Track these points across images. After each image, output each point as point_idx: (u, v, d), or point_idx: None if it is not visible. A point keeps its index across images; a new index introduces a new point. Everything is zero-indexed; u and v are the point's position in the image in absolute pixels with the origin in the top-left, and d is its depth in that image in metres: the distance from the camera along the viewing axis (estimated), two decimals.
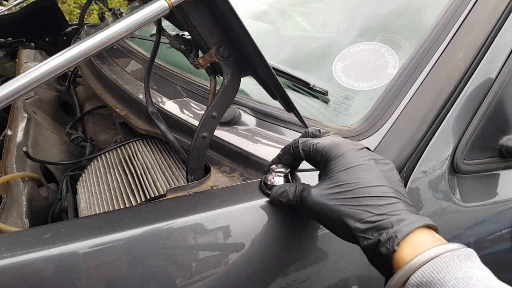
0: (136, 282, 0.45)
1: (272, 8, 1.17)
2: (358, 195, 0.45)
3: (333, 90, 0.78)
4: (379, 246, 0.42)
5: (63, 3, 4.45)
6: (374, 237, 0.43)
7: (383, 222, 0.43)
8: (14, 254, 0.41)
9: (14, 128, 1.01)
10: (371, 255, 0.44)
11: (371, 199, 0.45)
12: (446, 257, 0.39)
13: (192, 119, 0.79)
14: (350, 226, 0.44)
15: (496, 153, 0.77)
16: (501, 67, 0.71)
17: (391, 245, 0.41)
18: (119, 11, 1.35)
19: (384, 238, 0.42)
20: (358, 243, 0.44)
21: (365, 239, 0.43)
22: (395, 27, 0.84)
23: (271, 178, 0.55)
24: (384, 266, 0.43)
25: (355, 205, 0.45)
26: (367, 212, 0.44)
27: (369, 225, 0.43)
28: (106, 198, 0.76)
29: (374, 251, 0.43)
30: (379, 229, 0.43)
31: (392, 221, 0.43)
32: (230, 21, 0.48)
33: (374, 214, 0.44)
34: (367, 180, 0.46)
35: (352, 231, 0.44)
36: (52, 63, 0.39)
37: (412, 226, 0.42)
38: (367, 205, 0.44)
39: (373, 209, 0.44)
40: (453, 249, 0.40)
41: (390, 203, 0.44)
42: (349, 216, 0.45)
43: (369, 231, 0.43)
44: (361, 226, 0.43)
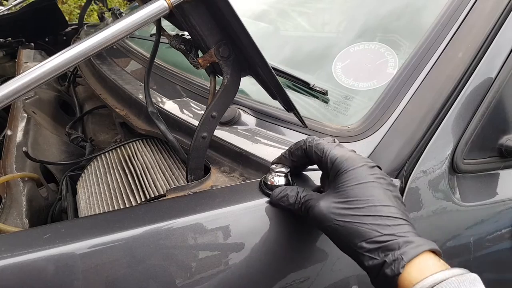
0: (136, 282, 0.45)
1: (272, 8, 1.17)
2: (367, 214, 0.45)
3: (332, 90, 0.78)
4: (384, 267, 0.42)
5: (63, 3, 4.45)
6: (380, 258, 0.42)
7: (391, 243, 0.43)
8: (14, 254, 0.41)
9: (14, 128, 1.01)
10: (375, 275, 0.43)
11: (380, 219, 0.44)
12: (452, 282, 0.39)
13: (192, 119, 0.79)
14: (356, 244, 0.44)
15: (495, 153, 0.77)
16: (500, 66, 0.71)
17: (397, 267, 0.41)
18: (118, 11, 1.35)
19: (389, 260, 0.42)
20: (362, 262, 0.44)
21: (371, 259, 0.43)
22: (394, 27, 0.84)
23: (271, 178, 0.55)
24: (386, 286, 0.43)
25: (363, 223, 0.44)
26: (375, 232, 0.44)
27: (376, 245, 0.43)
28: (106, 198, 0.76)
29: (378, 272, 0.43)
30: (386, 249, 0.42)
31: (400, 243, 0.42)
32: (230, 21, 0.48)
33: (381, 234, 0.43)
34: (376, 198, 0.46)
35: (358, 249, 0.44)
36: (52, 63, 0.39)
37: (418, 250, 0.42)
38: (376, 224, 0.44)
39: (381, 228, 0.44)
40: (458, 274, 0.40)
41: (397, 224, 0.44)
42: (357, 234, 0.44)
43: (376, 251, 0.43)
44: (367, 246, 0.43)
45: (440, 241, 0.68)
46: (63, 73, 0.40)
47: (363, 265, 0.44)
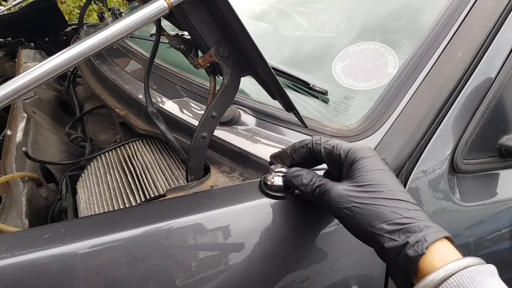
0: (136, 282, 0.45)
1: (272, 8, 1.17)
2: (387, 197, 0.45)
3: (332, 90, 0.78)
4: (406, 248, 0.41)
5: (62, 3, 4.45)
6: (401, 239, 0.42)
7: (412, 225, 0.42)
8: (13, 254, 0.41)
9: (14, 128, 1.01)
10: (395, 257, 0.43)
11: (400, 202, 0.44)
12: (473, 271, 0.39)
13: (192, 119, 0.79)
14: (376, 226, 0.43)
15: (495, 153, 0.77)
16: (500, 66, 0.71)
17: (420, 248, 0.41)
18: (118, 11, 1.35)
19: (412, 241, 0.41)
20: (381, 244, 0.43)
21: (391, 240, 0.42)
22: (394, 27, 0.84)
23: (271, 178, 0.55)
24: (407, 270, 0.42)
25: (384, 206, 0.44)
26: (396, 214, 0.43)
27: (396, 226, 0.43)
28: (106, 198, 0.76)
29: (399, 254, 0.42)
30: (407, 231, 0.42)
31: (420, 226, 0.42)
32: (230, 21, 0.48)
33: (402, 217, 0.43)
34: (394, 184, 0.47)
35: (377, 231, 0.43)
36: (52, 63, 0.39)
37: (439, 234, 0.42)
38: (396, 207, 0.44)
39: (402, 211, 0.44)
40: (479, 264, 0.40)
41: (416, 209, 0.45)
42: (377, 216, 0.44)
43: (396, 233, 0.42)
44: (388, 227, 0.43)
45: None
46: (63, 73, 0.40)
47: (382, 247, 0.43)
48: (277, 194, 0.54)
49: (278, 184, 0.54)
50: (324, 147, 0.52)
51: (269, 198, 0.54)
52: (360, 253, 0.59)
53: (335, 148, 0.51)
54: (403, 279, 0.43)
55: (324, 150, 0.52)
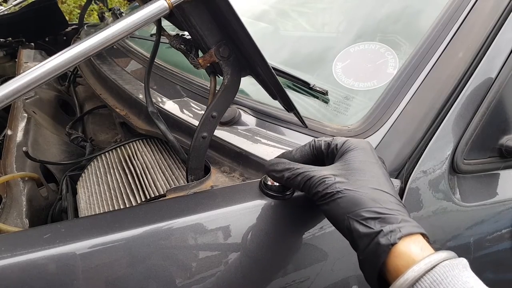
0: (136, 282, 0.45)
1: (272, 8, 1.17)
2: (370, 186, 0.44)
3: (333, 90, 0.78)
4: (379, 236, 0.41)
5: (62, 3, 4.45)
6: (376, 228, 0.41)
7: (390, 216, 0.42)
8: (14, 254, 0.41)
9: (14, 128, 1.01)
10: (366, 244, 0.42)
11: (382, 193, 0.44)
12: (446, 266, 0.39)
13: (192, 119, 0.79)
14: (354, 212, 0.43)
15: (496, 153, 0.77)
16: (501, 66, 0.71)
17: (393, 238, 0.40)
18: (119, 11, 1.35)
19: (386, 230, 0.41)
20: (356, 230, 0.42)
21: (366, 228, 0.42)
22: (395, 27, 0.84)
23: (271, 178, 0.55)
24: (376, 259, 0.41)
25: (366, 193, 0.44)
26: (376, 203, 0.43)
27: (374, 214, 0.42)
28: (106, 198, 0.76)
29: (371, 241, 0.41)
30: (383, 221, 0.42)
31: (398, 219, 0.42)
32: (230, 21, 0.48)
33: (381, 207, 0.43)
34: (381, 176, 0.46)
35: (354, 216, 0.43)
36: (52, 63, 0.39)
37: (415, 229, 0.42)
38: (378, 197, 0.43)
39: (382, 202, 0.43)
40: (452, 258, 0.40)
41: (398, 204, 0.44)
42: (357, 202, 0.43)
43: (372, 221, 0.42)
44: (365, 214, 0.42)
45: (440, 241, 0.68)
46: (63, 73, 0.40)
47: (356, 232, 0.42)
48: (277, 194, 0.54)
49: (278, 184, 0.54)
50: (324, 141, 0.53)
51: (269, 198, 0.54)
52: None
53: (334, 139, 0.52)
54: (371, 268, 0.42)
55: (324, 143, 0.52)
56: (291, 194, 0.55)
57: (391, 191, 0.45)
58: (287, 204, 0.55)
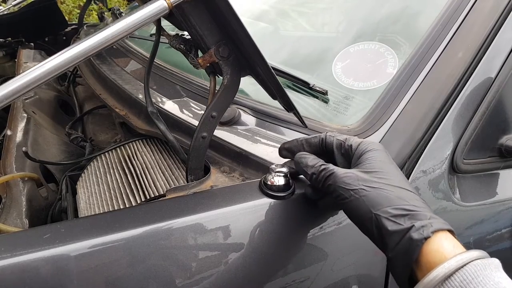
0: (136, 282, 0.45)
1: (272, 8, 1.17)
2: (394, 184, 0.45)
3: (332, 90, 0.78)
4: (411, 231, 0.40)
5: (61, 3, 4.45)
6: (406, 224, 0.41)
7: (418, 213, 0.42)
8: (13, 254, 0.41)
9: (14, 128, 1.01)
10: (397, 241, 0.41)
11: (407, 192, 0.44)
12: (478, 265, 0.38)
13: (192, 119, 0.79)
14: (381, 209, 0.42)
15: (495, 153, 0.77)
16: (500, 66, 0.71)
17: (426, 232, 0.40)
18: (118, 11, 1.35)
19: (418, 225, 0.40)
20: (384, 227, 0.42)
21: (395, 224, 0.41)
22: (394, 27, 0.84)
23: (271, 178, 0.55)
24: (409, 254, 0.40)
25: (392, 191, 0.44)
26: (402, 200, 0.43)
27: (402, 211, 0.42)
28: (106, 198, 0.76)
29: (402, 237, 0.41)
30: (413, 218, 0.41)
31: (427, 215, 0.42)
32: (230, 21, 0.48)
33: (409, 204, 0.43)
34: (401, 176, 0.47)
35: (382, 213, 0.42)
36: (52, 63, 0.39)
37: (445, 226, 0.41)
38: (403, 195, 0.43)
39: (409, 199, 0.43)
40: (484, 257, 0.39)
41: (422, 202, 0.44)
42: (384, 200, 0.43)
43: (402, 218, 0.42)
44: (394, 211, 0.42)
45: None
46: (63, 73, 0.40)
47: (385, 230, 0.42)
48: (277, 194, 0.54)
49: (278, 184, 0.54)
50: (337, 139, 0.53)
51: (269, 198, 0.54)
52: (361, 253, 0.59)
53: (347, 139, 0.52)
54: (402, 265, 0.41)
55: (337, 141, 0.53)
56: (291, 194, 0.55)
57: (413, 190, 0.46)
58: (287, 204, 0.55)
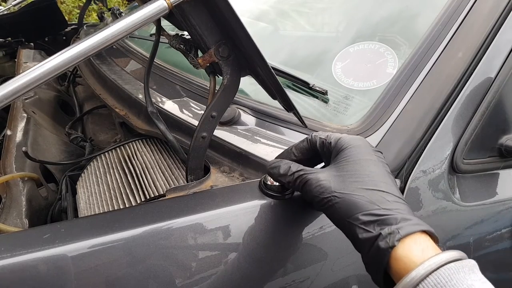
0: (136, 282, 0.45)
1: (272, 8, 1.17)
2: (366, 187, 0.44)
3: (332, 89, 0.78)
4: (379, 240, 0.40)
5: (61, 3, 4.45)
6: (375, 231, 0.41)
7: (388, 217, 0.41)
8: (13, 254, 0.41)
9: (14, 128, 1.01)
10: (368, 250, 0.42)
11: (379, 193, 0.44)
12: (451, 268, 0.37)
13: (192, 119, 0.79)
14: (352, 216, 0.43)
15: (495, 153, 0.77)
16: (500, 66, 0.71)
17: (391, 240, 0.39)
18: (118, 11, 1.35)
19: (385, 233, 0.40)
20: (356, 235, 0.42)
21: (365, 232, 0.41)
22: (394, 27, 0.84)
23: (271, 178, 0.55)
24: (378, 263, 0.41)
25: (362, 196, 0.43)
26: (373, 205, 0.42)
27: (372, 217, 0.42)
28: (106, 198, 0.76)
29: (372, 246, 0.41)
30: (382, 223, 0.41)
31: (397, 218, 0.41)
32: (230, 21, 0.48)
33: (379, 208, 0.42)
34: (377, 174, 0.46)
35: (353, 221, 0.42)
36: (52, 63, 0.39)
37: (415, 228, 0.41)
38: (375, 198, 0.43)
39: (380, 203, 0.43)
40: (457, 259, 0.38)
41: (396, 201, 0.43)
42: (354, 206, 0.43)
43: (371, 224, 0.41)
44: (363, 218, 0.42)
45: (440, 241, 0.67)
46: (62, 73, 0.40)
47: (357, 238, 0.42)
48: (277, 194, 0.54)
49: (278, 184, 0.54)
50: (319, 137, 0.52)
51: (269, 198, 0.54)
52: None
53: (328, 137, 0.52)
54: (375, 272, 0.42)
55: (319, 140, 0.52)
56: (291, 194, 0.55)
57: (388, 189, 0.44)
58: (287, 204, 0.55)
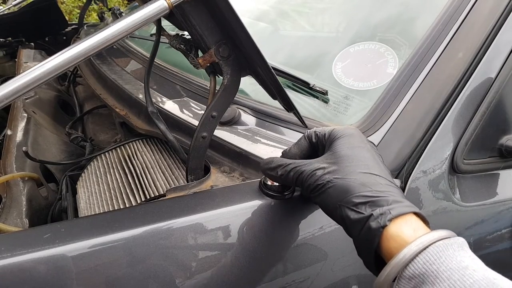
0: (136, 282, 0.45)
1: (272, 8, 1.17)
2: (359, 170, 0.44)
3: (332, 90, 0.78)
4: (370, 220, 0.40)
5: (61, 3, 4.45)
6: (366, 212, 0.41)
7: (380, 199, 0.41)
8: (14, 254, 0.41)
9: (14, 128, 1.01)
10: (359, 230, 0.41)
11: (372, 176, 0.44)
12: (439, 246, 0.38)
13: (192, 119, 0.79)
14: (344, 199, 0.42)
15: (496, 153, 0.77)
16: (500, 67, 0.71)
17: (383, 220, 0.40)
18: (118, 10, 1.35)
19: (376, 213, 0.40)
20: (348, 217, 0.42)
21: (357, 213, 0.41)
22: (394, 27, 0.84)
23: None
24: (369, 243, 0.41)
25: (355, 179, 0.43)
26: (365, 187, 0.42)
27: (364, 199, 0.41)
28: (106, 198, 0.76)
29: (363, 226, 0.41)
30: (374, 205, 0.41)
31: (389, 200, 0.41)
32: (230, 21, 0.48)
33: (371, 190, 0.42)
34: (369, 159, 0.46)
35: (345, 204, 0.42)
36: (52, 63, 0.39)
37: (406, 209, 0.41)
38: (367, 181, 0.43)
39: (372, 185, 0.43)
40: (445, 237, 0.39)
41: (388, 185, 0.43)
42: (346, 189, 0.43)
43: (363, 206, 0.41)
44: (355, 200, 0.42)
45: None
46: (63, 72, 0.40)
47: (348, 219, 0.42)
48: (277, 194, 0.54)
49: (278, 184, 0.54)
50: (314, 131, 0.53)
51: (269, 198, 0.54)
52: None
53: (322, 129, 0.52)
54: (366, 253, 0.42)
55: (314, 133, 0.53)
56: (291, 194, 0.55)
57: (381, 173, 0.45)
58: (287, 204, 0.55)
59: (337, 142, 0.48)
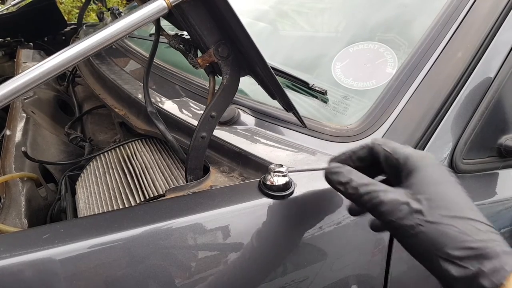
0: (135, 282, 0.45)
1: (271, 8, 1.17)
2: (454, 214, 0.39)
3: (332, 89, 0.78)
4: (480, 278, 0.35)
5: (60, 3, 4.45)
6: (474, 268, 0.36)
7: (486, 250, 0.36)
8: (13, 254, 0.41)
9: (13, 128, 1.01)
10: None
11: (469, 221, 0.38)
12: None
13: (191, 119, 0.79)
14: (442, 250, 0.37)
15: (495, 153, 0.77)
16: (499, 66, 0.71)
17: (498, 278, 0.35)
18: (117, 10, 1.35)
19: (487, 269, 0.35)
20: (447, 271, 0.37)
21: (461, 268, 0.36)
22: (394, 27, 0.84)
23: (270, 178, 0.55)
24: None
25: (450, 225, 0.38)
26: (466, 235, 0.37)
27: (468, 252, 0.36)
28: (105, 198, 0.76)
29: (471, 284, 0.36)
30: (481, 258, 0.36)
31: (497, 251, 0.36)
32: (229, 21, 0.48)
33: (473, 239, 0.37)
34: (462, 200, 0.41)
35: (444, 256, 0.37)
36: (51, 63, 0.39)
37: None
38: (466, 228, 0.38)
39: (473, 233, 0.37)
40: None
41: (488, 231, 0.38)
42: (444, 238, 0.38)
43: (467, 259, 0.36)
44: (457, 252, 0.37)
45: None
46: (62, 72, 0.40)
47: (449, 275, 0.37)
48: (277, 194, 0.54)
49: (277, 184, 0.54)
50: (383, 149, 0.47)
51: (269, 198, 0.54)
52: (360, 253, 0.59)
53: (394, 151, 0.46)
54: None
55: (383, 152, 0.47)
56: (290, 194, 0.55)
57: (476, 215, 0.39)
58: (287, 203, 0.55)
59: (419, 175, 0.43)
